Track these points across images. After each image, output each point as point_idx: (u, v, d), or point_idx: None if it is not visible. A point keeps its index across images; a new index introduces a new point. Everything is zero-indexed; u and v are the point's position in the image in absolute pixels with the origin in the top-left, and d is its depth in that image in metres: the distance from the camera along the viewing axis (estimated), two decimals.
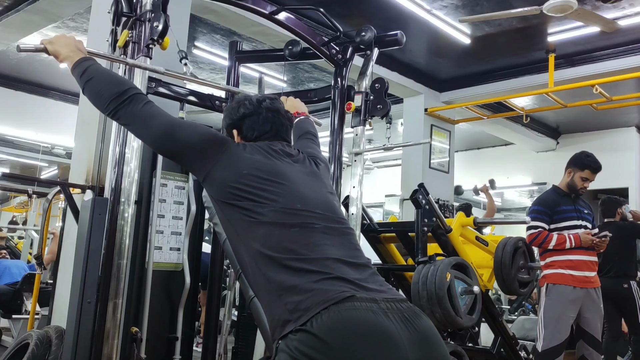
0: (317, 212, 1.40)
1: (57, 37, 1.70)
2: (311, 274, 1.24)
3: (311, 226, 1.36)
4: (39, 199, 7.52)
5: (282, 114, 1.63)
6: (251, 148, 1.50)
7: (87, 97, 1.59)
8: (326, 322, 1.14)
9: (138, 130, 1.55)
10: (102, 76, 1.58)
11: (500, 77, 6.18)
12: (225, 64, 4.26)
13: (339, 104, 2.97)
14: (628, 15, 4.73)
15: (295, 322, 1.17)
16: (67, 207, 2.93)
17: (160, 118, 1.49)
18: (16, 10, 4.83)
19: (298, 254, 1.28)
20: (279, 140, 1.59)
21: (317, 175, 1.57)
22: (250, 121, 1.59)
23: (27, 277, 5.31)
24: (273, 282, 1.27)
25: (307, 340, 1.14)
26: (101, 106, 1.55)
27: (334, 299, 1.18)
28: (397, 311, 1.20)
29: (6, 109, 7.27)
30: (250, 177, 1.40)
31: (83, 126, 3.15)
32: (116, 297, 2.04)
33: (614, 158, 6.89)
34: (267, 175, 1.42)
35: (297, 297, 1.21)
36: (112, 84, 1.54)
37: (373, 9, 4.79)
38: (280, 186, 1.41)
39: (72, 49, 1.65)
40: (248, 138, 1.59)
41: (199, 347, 3.94)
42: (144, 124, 1.50)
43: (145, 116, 1.49)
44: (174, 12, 2.33)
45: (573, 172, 3.49)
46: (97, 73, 1.58)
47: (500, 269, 3.36)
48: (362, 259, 1.37)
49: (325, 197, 1.49)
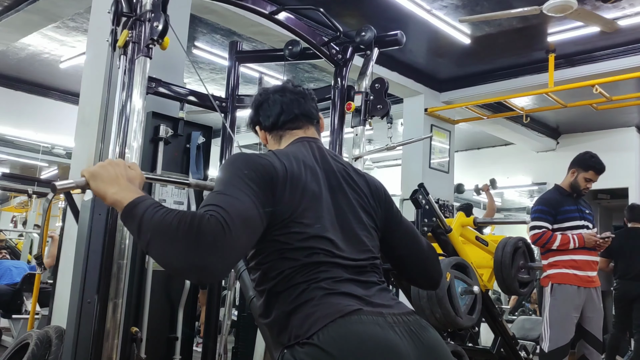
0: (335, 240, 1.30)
1: (102, 166, 1.28)
2: (319, 290, 1.22)
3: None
4: (39, 199, 7.53)
5: (288, 90, 1.55)
6: (288, 162, 1.33)
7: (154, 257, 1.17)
8: (332, 335, 1.13)
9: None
10: (157, 234, 1.12)
11: (500, 77, 6.18)
12: (225, 64, 4.26)
13: (339, 104, 2.97)
14: (628, 15, 4.73)
15: (302, 334, 1.16)
16: (67, 207, 2.93)
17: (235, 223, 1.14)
18: (16, 10, 4.83)
19: (307, 271, 1.25)
20: (298, 118, 1.51)
21: (344, 189, 1.40)
22: (263, 110, 1.55)
23: (27, 277, 5.32)
24: (280, 292, 1.25)
25: (313, 353, 1.13)
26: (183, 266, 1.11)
27: (341, 311, 1.17)
28: (403, 324, 1.19)
29: (6, 109, 7.27)
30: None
31: (83, 126, 3.15)
32: (116, 297, 2.04)
33: (614, 158, 6.87)
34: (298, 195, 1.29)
35: (303, 310, 1.20)
36: (174, 240, 1.09)
37: (373, 9, 4.79)
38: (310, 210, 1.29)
39: (120, 187, 1.24)
40: (268, 127, 1.54)
41: (199, 347, 3.95)
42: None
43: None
44: (174, 12, 2.33)
45: (577, 173, 3.50)
46: (152, 230, 1.12)
47: (500, 269, 3.36)
48: (371, 276, 1.32)
49: (350, 224, 1.35)
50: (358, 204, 1.40)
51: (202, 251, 1.06)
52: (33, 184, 7.03)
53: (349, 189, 1.40)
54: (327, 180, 1.37)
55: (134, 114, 2.11)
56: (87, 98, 3.22)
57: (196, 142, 2.93)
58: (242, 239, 1.13)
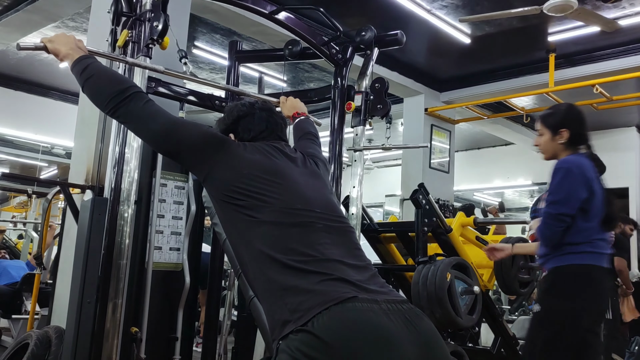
0: (317, 211, 1.40)
1: (57, 35, 1.68)
2: (312, 274, 1.24)
3: (312, 225, 1.36)
4: (38, 199, 7.53)
5: (275, 114, 1.66)
6: (251, 147, 1.51)
7: (87, 94, 1.58)
8: (327, 322, 1.14)
9: (138, 129, 1.54)
10: (103, 74, 1.56)
11: (500, 77, 6.18)
12: (225, 63, 4.26)
13: (339, 104, 2.97)
14: (628, 15, 4.73)
15: (296, 322, 1.17)
16: (66, 207, 2.93)
17: (160, 117, 1.48)
18: (16, 10, 4.83)
19: (299, 253, 1.28)
20: (275, 139, 1.60)
21: (318, 175, 1.58)
22: (245, 122, 1.62)
23: (26, 277, 5.31)
24: (274, 282, 1.27)
25: (307, 341, 1.14)
26: (101, 104, 1.54)
27: (335, 299, 1.17)
28: (398, 312, 1.20)
29: (6, 109, 7.27)
30: (251, 176, 1.40)
31: (83, 126, 3.15)
32: (116, 297, 2.04)
33: (614, 158, 6.85)
34: (267, 174, 1.42)
35: (297, 298, 1.20)
36: (113, 82, 1.52)
37: (373, 9, 4.79)
38: (280, 186, 1.41)
39: (72, 47, 1.62)
40: (245, 139, 1.59)
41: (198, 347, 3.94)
42: (144, 123, 1.49)
43: (146, 115, 1.48)
44: (174, 12, 2.33)
45: None
46: (97, 71, 1.56)
47: (500, 269, 3.36)
48: (364, 260, 1.36)
49: (325, 196, 1.50)
50: (317, 174, 1.58)
51: (121, 100, 1.47)
52: (33, 184, 7.03)
53: (309, 166, 1.59)
54: (292, 162, 1.54)
55: None
56: (87, 98, 3.21)
57: None
58: (157, 126, 1.47)
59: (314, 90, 3.33)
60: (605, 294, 2.36)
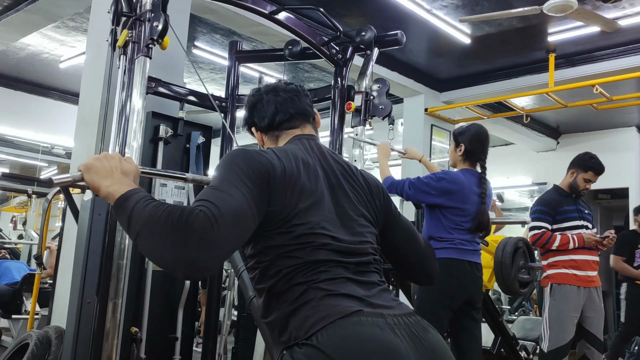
0: (336, 235, 1.29)
1: (96, 159, 1.27)
2: (318, 290, 1.21)
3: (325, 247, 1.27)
4: (38, 199, 7.53)
5: (282, 89, 1.53)
6: (286, 159, 1.32)
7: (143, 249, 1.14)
8: (331, 336, 1.12)
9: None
10: (148, 229, 1.11)
11: (500, 77, 6.17)
12: (225, 63, 4.26)
13: (339, 104, 2.97)
14: (628, 15, 4.73)
15: (301, 335, 1.15)
16: (67, 207, 2.93)
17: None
18: (16, 10, 4.83)
19: (307, 271, 1.23)
20: (294, 117, 1.50)
21: (343, 187, 1.39)
22: (256, 111, 1.53)
23: (27, 277, 5.31)
24: (280, 293, 1.24)
25: (311, 354, 1.12)
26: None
27: (340, 313, 1.15)
28: (404, 326, 1.17)
29: (6, 109, 7.27)
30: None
31: (83, 126, 3.15)
32: (116, 297, 2.04)
33: (614, 158, 6.88)
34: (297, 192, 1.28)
35: (303, 311, 1.18)
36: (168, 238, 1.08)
37: (373, 9, 4.78)
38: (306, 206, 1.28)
39: (114, 179, 1.22)
40: (264, 128, 1.52)
41: (198, 347, 3.94)
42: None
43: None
44: (174, 12, 2.33)
45: (576, 173, 3.50)
46: (140, 226, 1.11)
47: (500, 269, 3.36)
48: (372, 276, 1.31)
49: (348, 216, 1.35)
50: (358, 201, 1.38)
51: (189, 246, 1.05)
52: (33, 184, 7.03)
53: (349, 186, 1.38)
54: (327, 179, 1.35)
55: (134, 114, 2.11)
56: (86, 98, 3.22)
57: (196, 142, 2.93)
58: (231, 235, 1.12)
59: (314, 91, 3.34)
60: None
